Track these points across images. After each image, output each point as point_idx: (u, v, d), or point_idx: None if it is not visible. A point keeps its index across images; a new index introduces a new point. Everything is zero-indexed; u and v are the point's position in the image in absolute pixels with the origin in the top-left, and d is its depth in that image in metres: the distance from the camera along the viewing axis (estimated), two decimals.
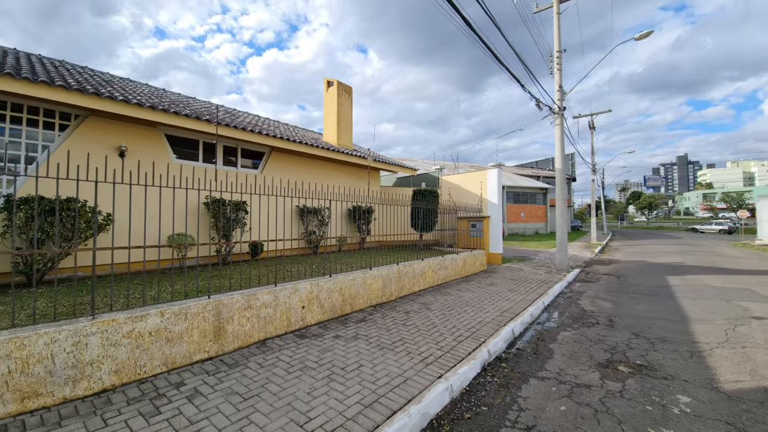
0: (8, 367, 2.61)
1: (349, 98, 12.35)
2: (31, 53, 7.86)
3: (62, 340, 2.80)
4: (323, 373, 3.49)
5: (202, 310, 3.69)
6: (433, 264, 8.03)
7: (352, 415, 2.76)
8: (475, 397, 3.38)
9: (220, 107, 10.58)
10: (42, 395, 2.74)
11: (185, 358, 3.54)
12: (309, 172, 10.55)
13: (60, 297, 4.52)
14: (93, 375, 2.94)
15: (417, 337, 4.61)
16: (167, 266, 6.82)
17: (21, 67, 5.86)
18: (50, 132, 6.10)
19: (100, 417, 2.65)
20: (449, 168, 31.02)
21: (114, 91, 6.48)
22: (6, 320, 3.45)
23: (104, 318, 3.06)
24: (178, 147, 7.81)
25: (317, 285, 5.11)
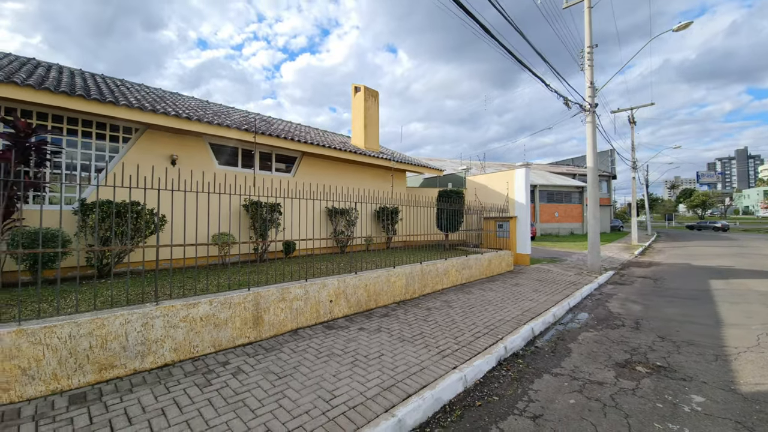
0: (89, 342, 3.21)
1: (376, 102, 12.74)
2: (96, 73, 8.97)
3: (134, 321, 3.38)
4: (348, 359, 3.87)
5: (243, 300, 4.20)
6: (457, 264, 8.20)
7: (372, 395, 3.10)
8: (488, 388, 3.59)
9: (256, 115, 11.37)
10: (116, 367, 3.33)
11: (229, 342, 4.06)
12: (338, 174, 11.05)
13: (124, 287, 5.25)
14: (157, 351, 3.51)
15: (436, 332, 4.87)
16: (213, 262, 7.56)
17: (89, 88, 6.79)
18: (115, 144, 7.00)
19: (164, 386, 3.18)
20: (478, 167, 30.62)
21: (167, 106, 7.30)
22: (85, 305, 4.15)
23: (165, 304, 3.64)
24: (220, 154, 8.57)
25: (344, 281, 5.51)
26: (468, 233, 12.88)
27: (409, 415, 2.91)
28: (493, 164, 40.42)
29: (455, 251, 10.55)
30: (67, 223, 6.12)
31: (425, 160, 37.45)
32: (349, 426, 2.66)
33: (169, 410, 2.80)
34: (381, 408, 2.93)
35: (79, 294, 4.67)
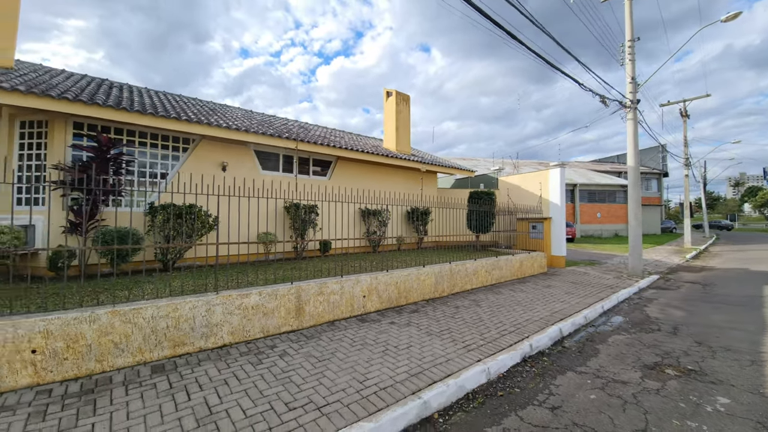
0: (166, 323, 3.85)
1: (407, 106, 13.06)
2: (159, 91, 10.11)
3: (200, 307, 3.99)
4: (379, 348, 4.24)
5: (287, 293, 4.72)
6: (486, 264, 8.31)
7: (400, 380, 3.45)
8: (510, 381, 3.80)
9: (294, 122, 12.14)
10: (186, 345, 3.95)
11: (275, 329, 4.60)
12: (370, 176, 11.50)
13: (186, 279, 6.02)
14: (217, 333, 4.11)
15: (463, 328, 5.11)
16: (258, 259, 8.29)
17: (156, 105, 7.75)
18: (177, 153, 7.93)
19: (224, 362, 3.75)
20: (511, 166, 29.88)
21: (219, 119, 8.13)
22: (160, 292, 4.88)
23: (224, 294, 4.23)
24: (263, 160, 9.34)
25: (376, 278, 5.91)
26: (500, 234, 12.80)
27: (434, 399, 3.22)
28: (529, 163, 39.14)
29: (486, 252, 10.60)
30: (139, 223, 7.06)
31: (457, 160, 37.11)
32: (379, 403, 3.03)
33: (230, 381, 3.33)
34: (408, 390, 3.27)
35: (150, 284, 5.47)
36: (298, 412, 2.85)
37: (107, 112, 6.51)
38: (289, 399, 3.04)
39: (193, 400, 2.98)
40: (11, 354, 3.08)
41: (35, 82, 6.49)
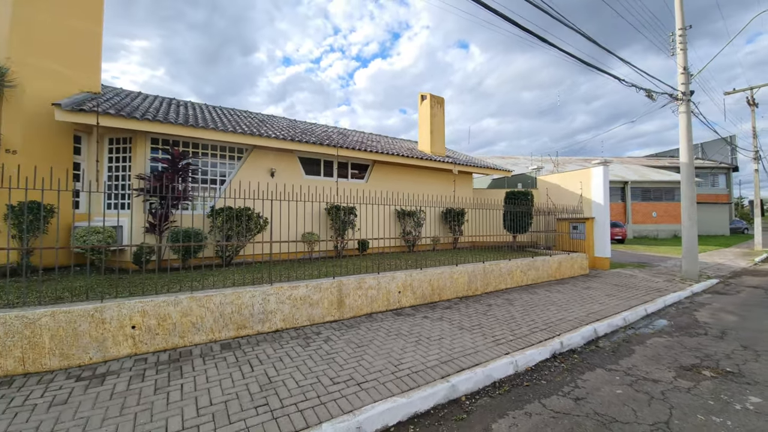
0: (231, 309, 4.53)
1: (441, 108, 13.27)
2: (216, 106, 11.29)
3: (257, 296, 4.64)
4: (412, 339, 4.62)
5: (330, 286, 5.27)
6: (522, 264, 8.33)
7: (431, 366, 3.80)
8: (537, 374, 4.00)
9: (334, 129, 12.87)
10: (246, 328, 4.61)
11: (320, 318, 5.15)
12: (406, 178, 11.88)
13: (242, 273, 6.82)
14: (271, 320, 4.74)
15: (494, 324, 5.33)
16: (302, 257, 9.04)
17: (215, 120, 8.76)
18: (233, 162, 8.90)
19: (278, 343, 4.35)
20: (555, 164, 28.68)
21: (268, 129, 8.99)
22: (223, 283, 5.65)
23: (277, 285, 4.86)
24: (306, 165, 10.09)
25: (410, 275, 6.29)
26: (539, 235, 12.55)
27: (461, 383, 3.54)
28: (574, 160, 37.18)
29: (523, 253, 10.52)
30: (203, 224, 8.05)
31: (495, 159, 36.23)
32: (411, 383, 3.41)
33: (284, 359, 3.90)
34: (438, 375, 3.62)
35: (213, 276, 6.30)
36: (341, 386, 3.32)
37: (178, 128, 7.54)
38: (333, 375, 3.53)
39: (255, 372, 3.58)
40: (116, 329, 3.89)
41: (121, 105, 7.70)
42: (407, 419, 3.05)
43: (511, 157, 38.45)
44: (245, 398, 3.07)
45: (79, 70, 7.84)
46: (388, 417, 2.98)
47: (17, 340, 3.46)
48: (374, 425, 2.88)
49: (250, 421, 2.75)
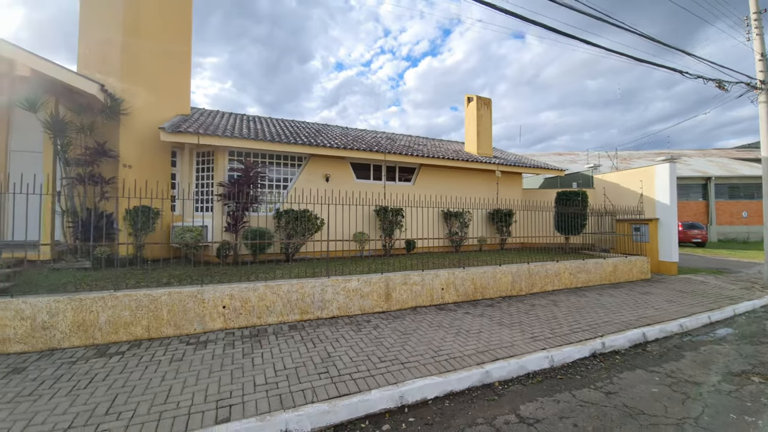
0: (296, 296, 5.36)
1: (488, 110, 13.26)
2: (278, 118, 12.63)
3: (317, 287, 5.43)
4: (452, 331, 5.05)
5: (379, 281, 5.89)
6: (571, 266, 8.21)
7: (468, 354, 4.22)
8: (573, 369, 4.19)
9: (382, 134, 13.56)
10: (308, 313, 5.42)
11: (369, 308, 5.81)
12: (452, 180, 12.14)
13: (302, 267, 7.75)
14: (329, 307, 5.50)
15: (534, 323, 5.52)
16: (353, 255, 9.84)
17: (279, 133, 9.92)
18: (294, 169, 10.01)
19: (334, 327, 5.07)
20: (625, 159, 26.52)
21: (323, 139, 9.95)
22: (288, 275, 6.57)
23: (333, 278, 5.62)
24: (357, 170, 10.89)
25: (453, 273, 6.68)
26: (596, 236, 11.98)
27: (495, 371, 3.91)
28: (644, 154, 33.78)
29: (575, 255, 10.22)
30: (270, 224, 9.22)
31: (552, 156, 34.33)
32: (449, 367, 3.87)
33: (339, 340, 4.60)
34: (474, 362, 4.03)
35: (279, 269, 7.29)
36: (387, 364, 3.90)
37: (249, 142, 8.77)
38: (381, 355, 4.13)
39: (317, 348, 4.31)
40: (212, 308, 4.90)
41: (206, 125, 9.16)
42: (443, 395, 3.53)
43: (570, 154, 36.13)
44: (310, 366, 3.80)
45: (173, 96, 9.47)
46: (426, 391, 3.48)
47: (144, 312, 4.59)
48: (414, 396, 3.41)
49: (314, 383, 3.44)
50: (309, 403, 3.12)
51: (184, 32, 9.64)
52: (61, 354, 4.07)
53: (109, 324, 4.37)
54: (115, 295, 4.43)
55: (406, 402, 3.34)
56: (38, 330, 4.11)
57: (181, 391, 3.27)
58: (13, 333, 4.05)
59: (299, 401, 3.13)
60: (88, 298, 4.31)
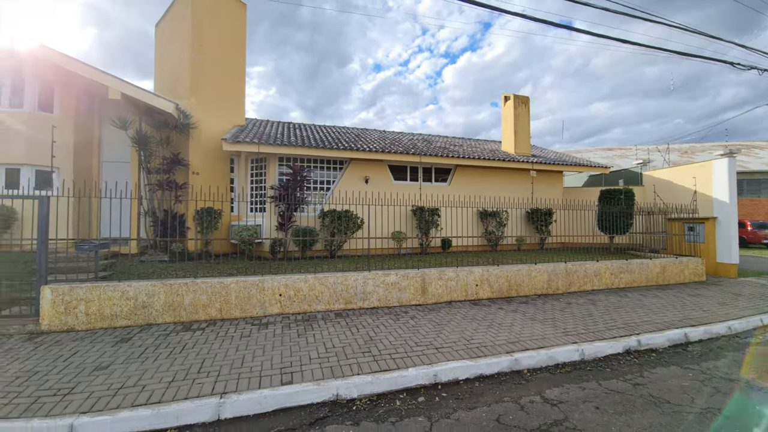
0: (341, 288, 5.98)
1: (526, 108, 13.12)
2: (321, 125, 13.51)
3: (359, 279, 6.01)
4: (485, 323, 5.37)
5: (415, 275, 6.35)
6: (612, 266, 8.06)
7: (499, 344, 4.54)
8: (604, 363, 4.35)
9: (418, 136, 13.95)
10: (351, 303, 6.01)
11: (407, 301, 6.28)
12: (488, 179, 12.22)
13: (345, 263, 8.41)
14: (369, 299, 6.06)
15: (568, 319, 5.65)
16: (391, 253, 10.37)
17: (323, 139, 10.72)
18: (336, 172, 10.76)
19: (375, 316, 5.61)
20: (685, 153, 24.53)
21: (362, 144, 10.59)
22: (332, 269, 7.24)
23: (374, 272, 6.17)
24: (395, 172, 11.40)
25: (487, 270, 6.94)
26: (644, 236, 11.44)
27: (524, 359, 4.20)
28: (709, 146, 30.71)
29: (619, 255, 9.90)
30: (315, 223, 10.03)
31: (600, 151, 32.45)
32: (479, 354, 4.23)
33: (380, 326, 5.13)
34: (503, 351, 4.34)
35: (324, 264, 8.00)
36: (423, 348, 4.35)
37: (297, 149, 9.63)
38: (417, 341, 4.59)
39: (360, 332, 4.87)
40: (270, 295, 5.65)
41: (259, 134, 10.18)
42: (474, 377, 3.91)
43: (620, 149, 33.87)
44: (355, 346, 4.36)
45: (231, 109, 10.63)
46: (458, 372, 3.89)
47: (217, 297, 5.45)
48: (447, 376, 3.82)
49: (359, 360, 3.99)
50: (355, 375, 3.67)
51: (239, 56, 10.78)
52: (157, 328, 5.02)
53: (192, 305, 5.28)
54: (196, 282, 5.33)
55: (439, 380, 3.78)
56: (139, 308, 5.10)
57: (252, 359, 3.98)
58: (120, 310, 5.06)
59: (347, 373, 3.69)
60: (175, 284, 5.24)
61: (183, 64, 10.02)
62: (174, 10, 10.56)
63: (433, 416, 3.12)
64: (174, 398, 3.16)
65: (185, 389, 3.31)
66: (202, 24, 10.02)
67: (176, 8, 10.47)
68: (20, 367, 3.78)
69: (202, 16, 10.00)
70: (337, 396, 3.41)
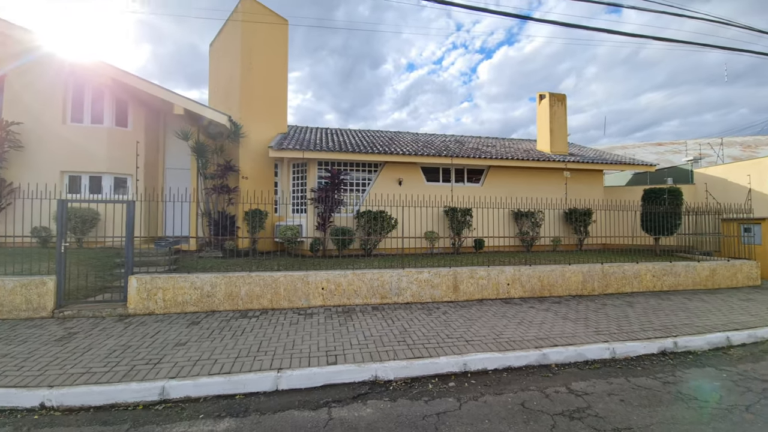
0: (377, 283, 6.44)
1: (562, 106, 12.82)
2: (356, 130, 14.11)
3: (394, 276, 6.44)
4: (515, 320, 5.57)
5: (447, 273, 6.66)
6: (654, 268, 7.82)
7: (528, 339, 4.75)
8: (635, 362, 4.41)
9: (451, 138, 14.12)
10: (387, 298, 6.46)
11: (439, 298, 6.61)
12: (522, 179, 12.12)
13: (380, 261, 8.87)
14: (403, 294, 6.47)
15: (601, 319, 5.69)
16: (424, 252, 10.70)
17: (359, 144, 11.28)
18: (371, 175, 11.28)
19: (409, 310, 6.01)
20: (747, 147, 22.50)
21: (396, 147, 11.03)
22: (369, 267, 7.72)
23: (407, 270, 6.57)
24: (427, 173, 11.70)
25: (519, 270, 7.08)
26: (695, 238, 10.81)
27: (552, 354, 4.39)
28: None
29: (668, 257, 9.49)
30: (351, 224, 10.61)
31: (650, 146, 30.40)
32: (508, 347, 4.49)
33: (413, 319, 5.52)
34: (532, 346, 4.56)
35: (361, 262, 8.52)
36: (454, 340, 4.68)
37: (334, 154, 10.26)
38: (448, 333, 4.92)
39: (395, 324, 5.30)
40: (314, 288, 6.24)
41: (300, 140, 10.95)
42: (502, 368, 4.18)
43: (673, 143, 31.43)
44: (390, 336, 4.79)
45: (275, 119, 11.51)
46: (486, 363, 4.18)
47: (268, 289, 6.12)
48: (476, 365, 4.13)
49: (395, 347, 4.41)
50: (391, 360, 4.09)
51: (282, 69, 11.66)
52: (219, 314, 5.78)
53: (247, 296, 6.00)
54: (250, 275, 6.04)
55: (468, 369, 4.10)
56: (204, 297, 5.89)
57: (301, 342, 4.54)
58: (189, 298, 5.88)
59: (384, 358, 4.12)
60: (233, 277, 5.99)
61: (234, 80, 11.05)
62: (225, 31, 11.64)
63: (462, 398, 3.46)
64: (240, 370, 3.77)
65: (248, 364, 3.92)
66: (250, 43, 10.98)
67: (227, 30, 11.54)
68: (116, 342, 4.62)
69: (250, 36, 10.96)
70: (376, 377, 3.86)
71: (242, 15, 10.79)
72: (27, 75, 9.21)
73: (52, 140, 9.24)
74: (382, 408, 3.27)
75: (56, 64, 9.16)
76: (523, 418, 3.07)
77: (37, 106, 9.26)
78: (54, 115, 9.39)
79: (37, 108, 9.25)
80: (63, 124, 9.46)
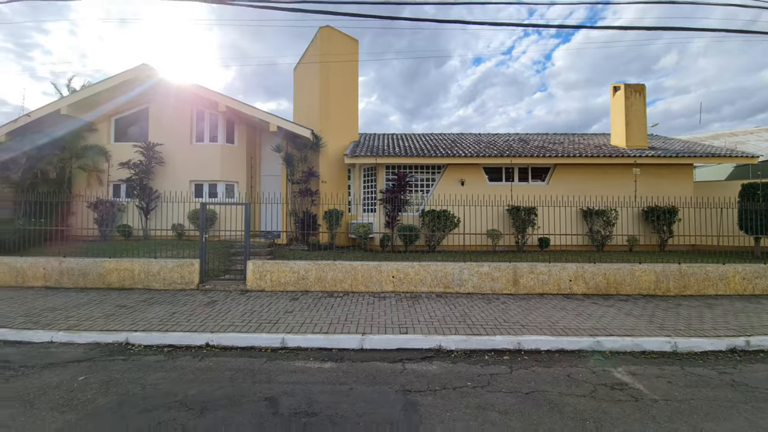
0: (440, 274, 7.22)
1: (641, 97, 11.96)
2: (421, 134, 14.96)
3: (456, 268, 7.18)
4: (573, 312, 5.89)
5: (507, 267, 7.17)
6: (744, 270, 7.24)
7: (584, 329, 5.11)
8: (698, 356, 4.51)
9: (514, 137, 14.12)
10: (449, 288, 7.21)
11: (499, 290, 7.15)
12: (593, 177, 11.66)
13: (443, 256, 9.59)
14: (465, 285, 7.16)
15: (668, 317, 5.69)
16: (486, 250, 11.11)
17: (423, 148, 12.12)
18: (434, 176, 12.05)
19: (470, 299, 6.69)
20: None
21: (458, 149, 11.62)
22: (433, 261, 8.53)
23: (469, 263, 7.24)
24: (489, 173, 12.03)
25: (582, 267, 7.23)
26: None
27: (606, 342, 4.72)
28: None
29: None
30: (416, 222, 11.52)
31: (764, 132, 25.62)
32: (562, 333, 4.94)
33: (473, 307, 6.20)
34: (587, 334, 4.93)
35: (425, 257, 9.35)
36: (510, 324, 5.27)
37: (401, 159, 11.28)
38: (505, 318, 5.52)
39: (456, 309, 6.05)
40: (386, 277, 7.29)
41: (370, 147, 12.20)
42: (554, 350, 4.67)
43: None
44: (452, 317, 5.57)
45: (348, 129, 12.97)
46: (539, 344, 4.72)
47: (349, 275, 7.32)
48: (529, 345, 4.70)
49: (456, 326, 5.19)
50: (453, 334, 4.89)
51: (354, 83, 13.12)
52: (311, 294, 7.16)
53: (332, 280, 7.30)
54: (335, 263, 7.34)
55: (522, 347, 4.69)
56: (300, 279, 7.34)
57: (378, 317, 5.58)
58: (289, 279, 7.38)
59: (447, 332, 4.94)
60: (322, 264, 7.34)
61: (314, 98, 12.79)
62: (307, 56, 13.48)
63: (514, 367, 4.12)
64: (334, 332, 4.93)
65: (339, 328, 5.08)
66: (327, 66, 12.58)
67: (308, 55, 13.36)
68: (244, 308, 6.19)
69: (326, 59, 12.56)
70: (440, 346, 4.70)
71: (320, 42, 12.43)
72: (164, 106, 11.97)
73: (182, 156, 11.87)
74: (444, 366, 4.11)
75: (184, 95, 11.76)
76: (566, 383, 3.63)
77: (172, 130, 11.98)
78: (184, 136, 12.04)
79: (172, 131, 11.98)
80: (190, 143, 12.07)
